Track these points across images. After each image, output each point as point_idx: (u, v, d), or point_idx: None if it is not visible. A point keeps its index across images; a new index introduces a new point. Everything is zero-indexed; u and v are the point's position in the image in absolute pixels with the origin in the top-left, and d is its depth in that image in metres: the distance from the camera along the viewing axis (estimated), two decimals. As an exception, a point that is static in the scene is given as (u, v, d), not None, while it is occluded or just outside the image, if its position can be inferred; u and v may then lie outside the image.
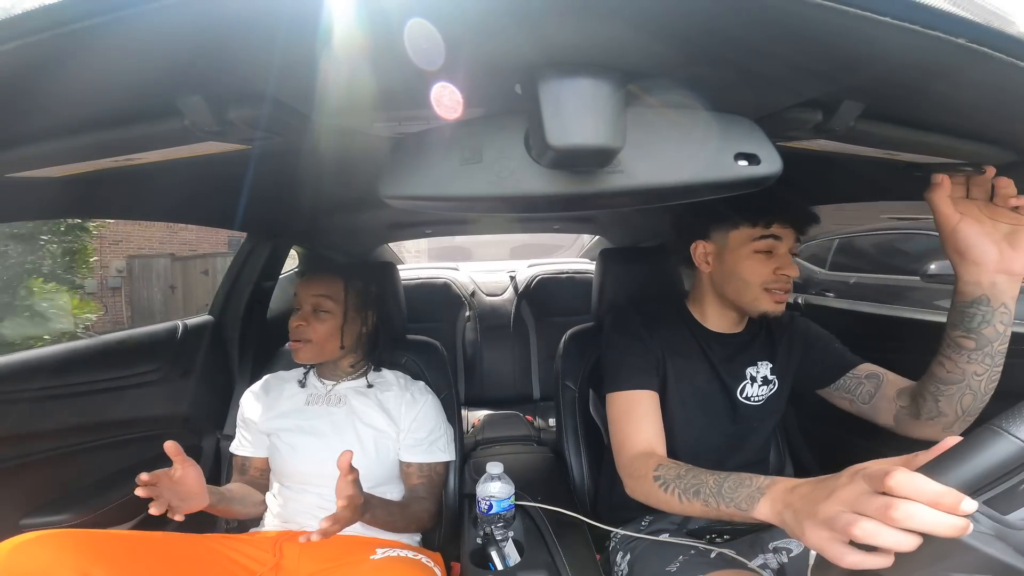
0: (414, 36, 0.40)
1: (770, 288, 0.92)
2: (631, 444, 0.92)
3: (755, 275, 0.92)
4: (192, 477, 0.87)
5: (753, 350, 1.04)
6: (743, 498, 0.67)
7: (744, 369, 1.03)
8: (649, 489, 0.82)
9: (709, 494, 0.72)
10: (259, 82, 0.49)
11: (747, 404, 1.02)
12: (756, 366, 1.03)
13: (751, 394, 1.03)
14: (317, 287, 1.15)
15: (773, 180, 0.58)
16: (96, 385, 1.22)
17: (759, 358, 1.04)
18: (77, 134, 0.57)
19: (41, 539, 0.79)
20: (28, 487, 1.11)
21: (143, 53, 0.42)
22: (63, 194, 0.81)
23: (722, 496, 0.70)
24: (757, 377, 1.03)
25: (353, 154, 0.77)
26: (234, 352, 1.58)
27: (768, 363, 1.04)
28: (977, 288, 0.76)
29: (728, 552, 0.86)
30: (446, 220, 2.00)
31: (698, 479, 0.75)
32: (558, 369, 1.34)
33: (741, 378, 1.02)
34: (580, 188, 0.54)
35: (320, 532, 0.77)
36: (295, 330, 1.13)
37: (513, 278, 2.82)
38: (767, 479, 0.66)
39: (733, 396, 1.02)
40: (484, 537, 0.99)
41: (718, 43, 0.44)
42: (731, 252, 0.95)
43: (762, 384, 1.03)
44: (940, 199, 0.76)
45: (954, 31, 0.39)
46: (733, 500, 0.68)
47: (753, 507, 0.65)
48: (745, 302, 0.95)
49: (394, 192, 0.56)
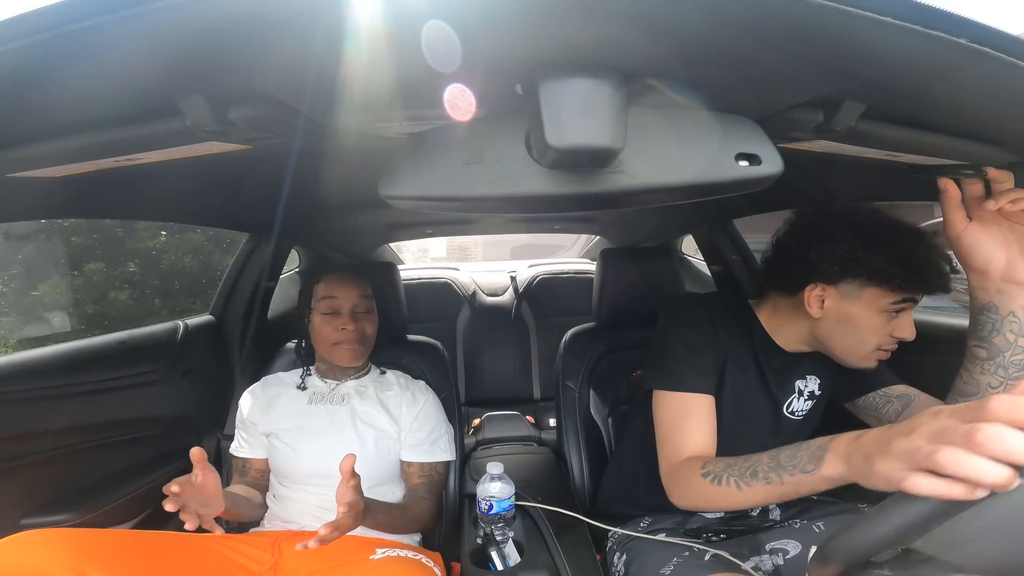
0: (416, 36, 0.40)
1: (883, 348, 0.84)
2: (680, 450, 0.85)
3: (877, 336, 0.83)
4: (212, 483, 0.86)
5: (805, 363, 0.96)
6: (806, 460, 0.64)
7: (794, 382, 0.96)
8: (699, 489, 0.77)
9: (769, 469, 0.68)
10: (260, 82, 0.49)
11: (791, 419, 0.97)
12: (805, 380, 0.97)
13: (796, 408, 0.97)
14: (358, 287, 1.18)
15: (774, 181, 0.58)
16: (97, 385, 1.22)
17: (809, 372, 0.97)
18: (78, 134, 0.57)
19: (39, 537, 0.79)
20: (28, 487, 1.11)
21: (144, 53, 0.42)
22: (64, 194, 0.81)
23: (782, 467, 0.67)
24: (805, 391, 0.97)
25: (354, 154, 0.77)
26: (235, 352, 1.59)
27: (817, 378, 0.98)
28: (984, 295, 0.76)
29: (722, 554, 0.86)
30: (447, 220, 2.00)
31: (750, 461, 0.72)
32: (559, 369, 1.34)
33: (790, 391, 0.96)
34: (581, 188, 0.54)
35: (318, 539, 0.77)
36: (349, 332, 1.14)
37: (514, 278, 2.82)
38: (825, 438, 0.63)
39: (779, 410, 0.96)
40: (484, 537, 0.99)
41: (719, 43, 0.44)
42: (858, 307, 0.82)
43: (808, 399, 0.98)
44: (947, 206, 0.74)
45: (955, 31, 0.39)
46: (796, 466, 0.65)
47: (820, 465, 0.62)
48: (851, 357, 0.86)
49: (395, 192, 0.56)
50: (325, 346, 1.16)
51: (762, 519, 0.99)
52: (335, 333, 1.14)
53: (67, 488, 1.17)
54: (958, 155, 0.68)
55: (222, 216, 1.32)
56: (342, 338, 1.14)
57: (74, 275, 2.67)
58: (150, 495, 1.29)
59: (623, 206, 0.64)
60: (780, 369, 0.95)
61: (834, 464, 0.60)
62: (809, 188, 1.08)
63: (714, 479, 0.75)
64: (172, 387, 1.40)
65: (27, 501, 1.10)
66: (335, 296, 1.16)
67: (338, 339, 1.14)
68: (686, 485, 0.80)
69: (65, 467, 1.17)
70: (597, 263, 1.42)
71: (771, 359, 0.95)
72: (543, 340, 2.52)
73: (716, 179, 0.56)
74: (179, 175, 0.80)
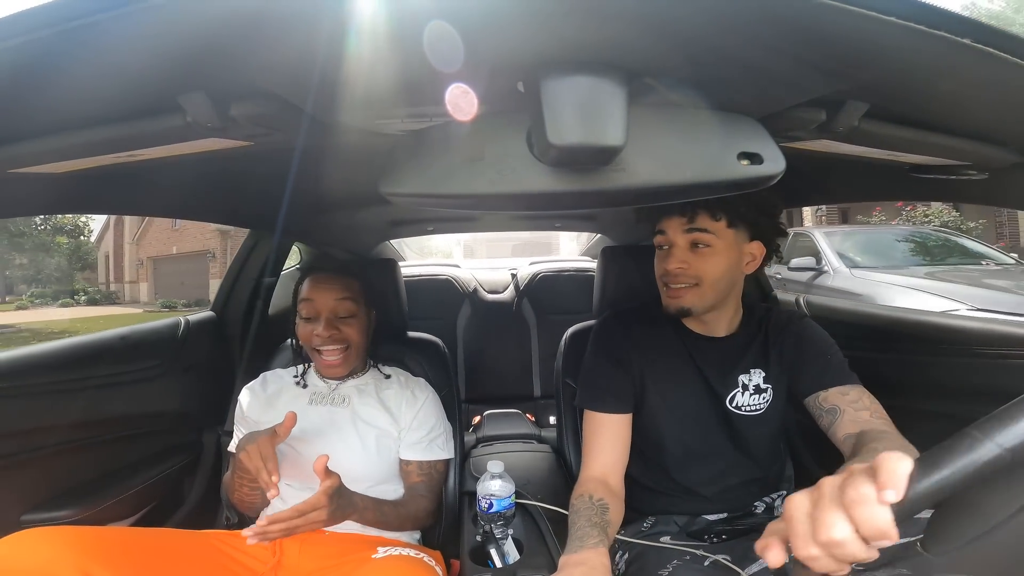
0: (418, 34, 0.40)
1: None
2: (587, 466, 0.97)
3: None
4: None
5: (748, 356, 0.99)
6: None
7: (737, 376, 0.98)
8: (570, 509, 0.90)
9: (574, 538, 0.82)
10: (262, 79, 0.49)
11: (739, 414, 0.98)
12: (749, 373, 0.99)
13: (743, 403, 0.98)
14: (337, 290, 1.11)
15: (776, 180, 0.58)
16: (97, 381, 1.22)
17: (752, 365, 0.99)
18: (80, 130, 0.57)
19: (40, 535, 0.79)
20: (29, 483, 1.11)
21: (145, 49, 0.42)
22: (66, 190, 0.81)
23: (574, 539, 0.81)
24: (749, 385, 0.98)
25: (355, 151, 0.77)
26: (236, 348, 1.59)
27: (761, 371, 0.99)
28: None
29: (723, 559, 0.86)
30: (448, 217, 2.00)
31: (577, 523, 0.85)
32: (559, 367, 1.33)
33: (732, 386, 0.98)
34: (582, 186, 0.54)
35: (256, 530, 0.85)
36: (326, 340, 1.08)
37: (514, 276, 2.82)
38: (578, 555, 0.77)
39: (723, 406, 0.98)
40: (484, 535, 0.99)
41: (722, 42, 0.43)
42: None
43: (754, 393, 0.98)
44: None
45: (959, 31, 0.39)
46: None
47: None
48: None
49: (396, 189, 0.56)
50: (309, 350, 1.15)
51: (767, 516, 0.99)
52: (312, 338, 1.10)
53: (68, 484, 1.17)
54: (960, 155, 0.68)
55: (224, 212, 1.32)
56: (318, 344, 1.10)
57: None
58: (151, 491, 1.29)
59: (624, 204, 0.64)
60: (719, 362, 0.99)
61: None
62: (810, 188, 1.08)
63: (570, 512, 0.89)
64: (173, 383, 1.40)
65: (28, 497, 1.10)
66: (312, 299, 1.11)
67: (316, 345, 1.11)
68: (573, 499, 0.92)
69: (66, 463, 1.18)
70: (598, 261, 1.42)
71: (705, 352, 0.99)
72: (544, 338, 2.51)
73: (718, 178, 0.56)
74: (181, 171, 0.80)
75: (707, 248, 0.92)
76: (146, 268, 20.08)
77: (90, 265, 21.03)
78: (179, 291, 17.37)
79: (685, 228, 0.92)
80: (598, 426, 0.99)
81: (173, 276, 18.85)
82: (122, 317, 14.43)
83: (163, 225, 18.58)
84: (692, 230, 0.91)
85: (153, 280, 19.99)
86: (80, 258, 19.63)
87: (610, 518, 0.87)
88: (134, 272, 20.52)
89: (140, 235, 20.11)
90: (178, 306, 15.37)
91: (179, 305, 15.51)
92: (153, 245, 19.80)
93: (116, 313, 15.56)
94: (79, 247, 19.73)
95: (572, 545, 0.80)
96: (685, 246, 0.93)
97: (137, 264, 20.35)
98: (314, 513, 0.86)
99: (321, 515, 0.87)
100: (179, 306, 15.36)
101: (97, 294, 19.97)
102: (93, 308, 17.37)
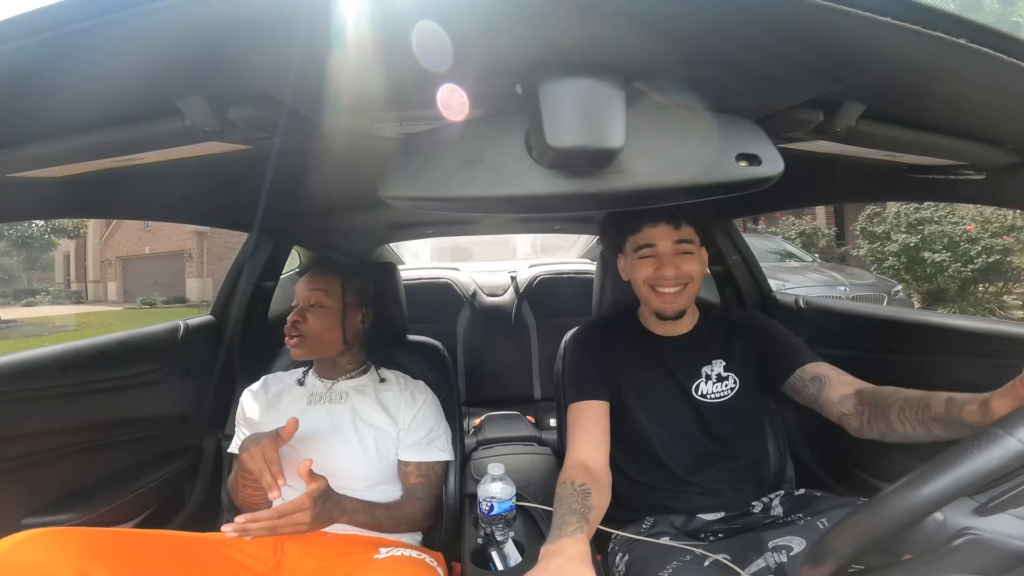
0: (417, 37, 0.40)
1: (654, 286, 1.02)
2: (569, 453, 1.00)
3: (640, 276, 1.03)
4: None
5: (708, 350, 1.10)
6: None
7: (700, 368, 1.08)
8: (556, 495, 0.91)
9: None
10: (259, 83, 0.49)
11: (704, 402, 1.07)
12: (711, 364, 1.08)
13: (707, 391, 1.07)
14: (313, 283, 1.17)
15: (774, 181, 0.58)
16: (97, 385, 1.22)
17: (713, 357, 1.09)
18: (78, 134, 0.57)
19: (40, 537, 0.79)
20: (30, 487, 1.10)
21: (144, 53, 0.42)
22: (64, 194, 0.81)
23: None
24: (712, 375, 1.08)
25: (354, 154, 0.77)
26: (235, 352, 1.58)
27: (721, 361, 1.08)
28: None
29: (723, 559, 0.86)
30: (447, 221, 2.00)
31: (561, 509, 0.86)
32: (559, 369, 1.33)
33: (696, 376, 1.08)
34: (580, 188, 0.54)
35: (236, 526, 0.84)
36: (290, 325, 1.14)
37: (514, 278, 2.81)
38: (556, 544, 0.77)
39: (689, 394, 1.07)
40: (485, 537, 0.99)
41: (719, 43, 0.44)
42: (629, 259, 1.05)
43: (717, 381, 1.07)
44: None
45: (955, 31, 0.39)
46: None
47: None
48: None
49: (395, 192, 0.56)
50: None
51: (764, 516, 1.00)
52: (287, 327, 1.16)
53: (68, 488, 1.17)
54: (958, 155, 0.68)
55: (222, 216, 1.32)
56: (287, 331, 1.15)
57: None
58: (151, 495, 1.29)
59: (623, 206, 0.64)
60: (682, 357, 1.09)
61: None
62: (808, 189, 1.08)
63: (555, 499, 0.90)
64: (173, 387, 1.40)
65: (28, 501, 1.10)
66: (295, 291, 1.18)
67: (286, 333, 1.16)
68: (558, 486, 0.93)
69: (66, 467, 1.17)
70: (597, 263, 1.42)
71: (668, 350, 1.10)
72: (543, 340, 2.51)
73: (716, 179, 0.56)
74: (179, 175, 0.80)
75: (689, 254, 1.02)
76: (114, 268, 20.09)
77: (42, 266, 20.51)
78: (151, 290, 17.55)
79: (673, 236, 1.00)
80: (579, 414, 1.04)
81: (144, 276, 18.91)
82: (115, 313, 15.06)
83: (134, 226, 18.63)
84: (681, 241, 1.01)
85: (122, 279, 19.98)
86: (31, 259, 18.84)
87: (592, 503, 0.87)
88: (99, 272, 20.47)
89: (108, 235, 20.09)
90: (157, 303, 16.22)
91: (158, 303, 16.27)
92: (122, 245, 19.79)
93: (99, 310, 16.01)
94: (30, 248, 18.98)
95: (552, 534, 0.81)
96: (673, 252, 1.01)
97: (104, 264, 20.34)
98: (297, 515, 0.86)
99: (304, 517, 0.87)
100: (158, 303, 16.21)
101: (60, 293, 19.84)
102: (71, 307, 17.44)
